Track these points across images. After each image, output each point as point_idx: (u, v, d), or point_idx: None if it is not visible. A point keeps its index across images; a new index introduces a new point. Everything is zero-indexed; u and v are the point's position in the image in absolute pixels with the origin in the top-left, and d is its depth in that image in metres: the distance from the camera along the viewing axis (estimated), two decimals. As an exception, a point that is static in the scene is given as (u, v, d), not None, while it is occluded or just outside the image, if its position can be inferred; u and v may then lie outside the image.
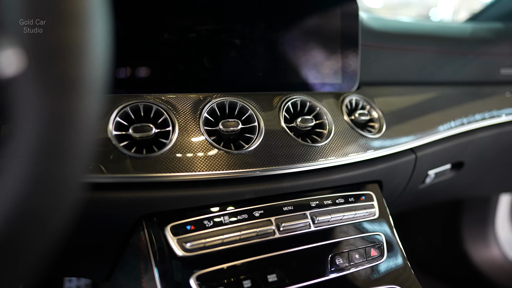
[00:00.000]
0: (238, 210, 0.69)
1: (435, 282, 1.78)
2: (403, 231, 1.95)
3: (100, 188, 0.61)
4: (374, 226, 0.79)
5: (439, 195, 1.27)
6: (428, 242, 1.88)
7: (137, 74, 0.71)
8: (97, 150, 0.61)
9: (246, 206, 0.70)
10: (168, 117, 0.68)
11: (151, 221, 0.64)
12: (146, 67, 0.72)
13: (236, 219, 0.68)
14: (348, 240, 0.74)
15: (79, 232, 0.64)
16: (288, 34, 0.83)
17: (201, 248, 0.63)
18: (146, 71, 0.72)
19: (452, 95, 1.08)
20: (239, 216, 0.68)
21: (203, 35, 0.76)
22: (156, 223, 0.64)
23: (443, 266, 1.82)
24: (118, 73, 0.70)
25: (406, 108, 0.96)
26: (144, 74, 0.72)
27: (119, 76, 0.70)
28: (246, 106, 0.75)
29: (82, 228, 0.63)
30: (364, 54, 0.96)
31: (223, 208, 0.68)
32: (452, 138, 1.00)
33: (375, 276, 0.72)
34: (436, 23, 1.21)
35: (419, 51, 1.08)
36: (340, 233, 0.74)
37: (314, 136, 0.80)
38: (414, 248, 1.90)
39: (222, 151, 0.68)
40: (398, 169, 0.89)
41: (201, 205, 0.67)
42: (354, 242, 0.74)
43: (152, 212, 0.64)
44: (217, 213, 0.67)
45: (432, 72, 1.10)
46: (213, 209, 0.68)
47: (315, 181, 0.75)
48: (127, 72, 0.70)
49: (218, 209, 0.68)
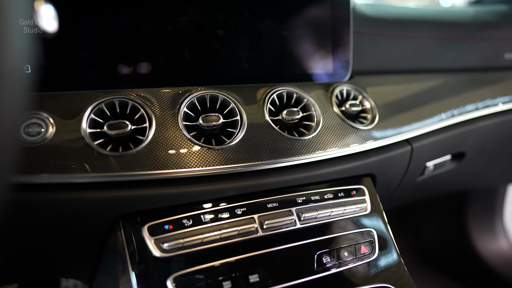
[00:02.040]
0: (219, 208, 0.66)
1: (441, 275, 1.74)
2: (407, 223, 1.91)
3: (75, 188, 0.59)
4: (365, 221, 0.75)
5: (441, 187, 1.22)
6: (433, 235, 1.84)
7: (113, 68, 0.69)
8: (71, 149, 0.59)
9: (228, 204, 0.67)
10: (145, 113, 0.66)
11: (129, 221, 0.62)
12: (123, 61, 0.69)
13: (217, 218, 0.65)
14: (337, 237, 0.70)
15: (55, 232, 0.62)
16: (275, 22, 0.79)
17: (179, 249, 0.60)
18: (123, 65, 0.69)
19: (453, 83, 1.03)
20: (220, 214, 0.65)
21: (183, 27, 0.72)
22: (133, 223, 0.62)
23: (449, 259, 1.78)
24: (93, 68, 0.67)
25: (401, 98, 0.92)
26: (121, 69, 0.69)
27: (94, 71, 0.67)
28: (227, 99, 0.72)
29: (57, 228, 0.61)
30: (357, 42, 0.92)
31: (204, 207, 0.66)
32: (452, 128, 0.96)
33: (366, 274, 0.69)
34: (435, 8, 1.15)
35: (417, 37, 1.03)
36: (328, 230, 0.71)
37: (301, 129, 0.77)
38: (419, 241, 1.86)
39: (201, 147, 0.65)
40: (393, 161, 0.85)
41: (180, 203, 0.64)
42: (343, 239, 0.71)
43: (129, 211, 0.62)
44: (197, 212, 0.65)
45: (431, 59, 1.05)
46: (193, 208, 0.65)
47: (301, 176, 0.72)
48: (102, 67, 0.68)
49: (198, 207, 0.65)
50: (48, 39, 0.63)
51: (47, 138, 0.59)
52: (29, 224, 0.59)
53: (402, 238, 1.90)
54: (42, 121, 0.60)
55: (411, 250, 1.86)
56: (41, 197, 0.57)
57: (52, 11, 0.62)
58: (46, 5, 0.58)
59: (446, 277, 1.73)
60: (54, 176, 0.57)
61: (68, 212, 0.59)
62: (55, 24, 0.63)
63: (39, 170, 0.56)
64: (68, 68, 0.66)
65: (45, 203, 0.57)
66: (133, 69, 0.70)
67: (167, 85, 0.71)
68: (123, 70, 0.69)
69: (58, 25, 0.63)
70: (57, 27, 0.63)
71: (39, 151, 0.57)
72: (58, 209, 0.58)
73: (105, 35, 0.67)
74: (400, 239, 1.91)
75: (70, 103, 0.63)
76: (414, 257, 1.84)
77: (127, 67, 0.69)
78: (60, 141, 0.59)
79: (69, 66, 0.66)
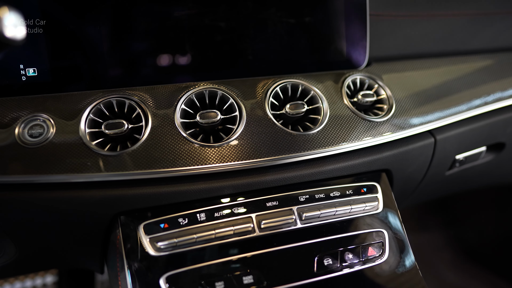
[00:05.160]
0: (216, 207, 0.65)
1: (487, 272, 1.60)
2: (450, 215, 1.78)
3: (73, 187, 0.61)
4: (375, 221, 0.70)
5: (479, 179, 1.11)
6: (479, 228, 1.69)
7: (112, 67, 0.69)
8: (69, 149, 0.61)
9: (226, 202, 0.66)
10: (141, 111, 0.66)
11: (127, 219, 0.63)
12: (121, 59, 0.69)
13: (213, 217, 0.64)
14: (341, 238, 0.66)
15: (57, 229, 0.65)
16: (281, 8, 0.75)
17: (173, 248, 0.60)
18: (121, 63, 0.69)
19: (490, 66, 0.92)
20: (217, 213, 0.64)
21: (183, 20, 0.71)
22: (130, 221, 0.63)
23: (496, 256, 1.63)
24: (92, 68, 0.68)
25: (426, 85, 0.84)
26: (120, 67, 0.69)
27: (93, 71, 0.68)
28: (226, 94, 0.70)
29: (58, 226, 0.64)
30: (375, 25, 0.85)
31: (202, 205, 0.65)
32: (485, 116, 0.86)
33: (373, 278, 0.64)
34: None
35: (448, 15, 0.92)
36: (331, 230, 0.67)
37: (307, 124, 0.73)
38: (463, 235, 1.73)
39: (197, 145, 0.64)
40: (412, 155, 0.78)
41: (175, 202, 0.64)
42: (348, 240, 0.67)
43: (126, 210, 0.63)
44: (193, 211, 0.64)
45: (465, 39, 0.94)
46: (190, 206, 0.65)
47: (304, 173, 0.68)
48: (102, 66, 0.69)
49: (196, 206, 0.65)
50: (48, 41, 0.64)
51: (48, 139, 0.61)
52: (32, 221, 0.62)
53: (444, 231, 1.78)
54: (43, 123, 0.62)
55: (454, 244, 1.74)
56: (41, 196, 0.59)
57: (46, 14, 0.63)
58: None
59: (494, 275, 1.60)
60: (53, 176, 0.59)
61: (67, 210, 0.61)
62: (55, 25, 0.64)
63: (39, 170, 0.59)
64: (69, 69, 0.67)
65: (45, 202, 0.60)
66: (133, 67, 0.70)
67: (167, 82, 0.71)
68: (122, 68, 0.69)
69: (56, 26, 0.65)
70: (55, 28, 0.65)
71: (40, 152, 0.60)
72: (58, 207, 0.61)
73: (102, 33, 0.67)
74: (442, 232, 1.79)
75: (70, 104, 0.65)
76: (457, 252, 1.71)
77: (127, 66, 0.69)
78: (59, 141, 0.61)
79: (70, 67, 0.67)
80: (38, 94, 0.65)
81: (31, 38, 0.64)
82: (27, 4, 0.63)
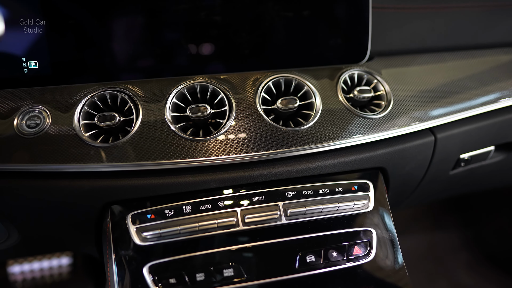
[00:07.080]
0: (202, 200, 0.66)
1: (504, 278, 1.54)
2: (468, 216, 1.72)
3: (65, 177, 0.63)
4: (364, 220, 0.69)
5: (490, 180, 1.06)
6: (499, 229, 1.62)
7: (107, 60, 0.71)
8: (63, 140, 0.64)
9: (212, 196, 0.67)
10: (132, 105, 0.67)
11: (116, 209, 0.66)
12: (115, 52, 0.71)
13: (198, 209, 0.65)
14: (326, 236, 0.66)
15: (54, 216, 0.68)
16: (279, 0, 0.74)
17: (158, 238, 0.62)
18: (116, 56, 0.71)
19: (502, 61, 0.87)
20: (202, 206, 0.65)
21: (179, 14, 0.71)
22: (119, 211, 0.65)
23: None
24: (89, 61, 0.70)
25: (429, 80, 0.80)
26: (114, 60, 0.71)
27: (90, 64, 0.70)
28: (217, 89, 0.70)
29: (54, 212, 0.67)
30: (378, 18, 0.82)
31: (188, 198, 0.66)
32: (493, 115, 0.82)
33: (356, 278, 0.64)
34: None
35: (458, 7, 0.88)
36: (317, 227, 0.66)
37: (299, 119, 0.72)
38: (481, 236, 1.66)
39: (185, 139, 0.65)
40: (409, 153, 0.76)
41: (162, 194, 0.65)
42: (333, 238, 0.66)
43: (115, 200, 0.65)
44: (180, 203, 0.66)
45: (476, 33, 0.90)
46: (177, 198, 0.66)
47: (292, 169, 0.68)
48: (97, 60, 0.71)
49: (183, 198, 0.66)
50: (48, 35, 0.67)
51: (43, 129, 0.64)
52: (29, 208, 0.66)
53: (461, 231, 1.72)
54: (40, 114, 0.65)
55: (471, 245, 1.67)
56: (36, 184, 0.63)
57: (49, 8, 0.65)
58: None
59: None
60: (48, 166, 0.62)
61: (61, 198, 0.64)
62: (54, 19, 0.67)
63: (35, 160, 0.62)
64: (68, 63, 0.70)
65: (40, 190, 0.63)
66: (126, 61, 0.71)
67: (162, 75, 0.72)
68: (117, 62, 0.71)
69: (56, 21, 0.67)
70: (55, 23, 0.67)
71: (36, 142, 0.63)
72: (52, 195, 0.64)
73: (99, 27, 0.69)
74: (458, 232, 1.73)
75: (66, 96, 0.67)
76: (475, 254, 1.65)
77: (121, 59, 0.71)
78: (54, 132, 0.64)
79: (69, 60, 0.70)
80: (39, 86, 0.68)
81: (32, 31, 0.67)
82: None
